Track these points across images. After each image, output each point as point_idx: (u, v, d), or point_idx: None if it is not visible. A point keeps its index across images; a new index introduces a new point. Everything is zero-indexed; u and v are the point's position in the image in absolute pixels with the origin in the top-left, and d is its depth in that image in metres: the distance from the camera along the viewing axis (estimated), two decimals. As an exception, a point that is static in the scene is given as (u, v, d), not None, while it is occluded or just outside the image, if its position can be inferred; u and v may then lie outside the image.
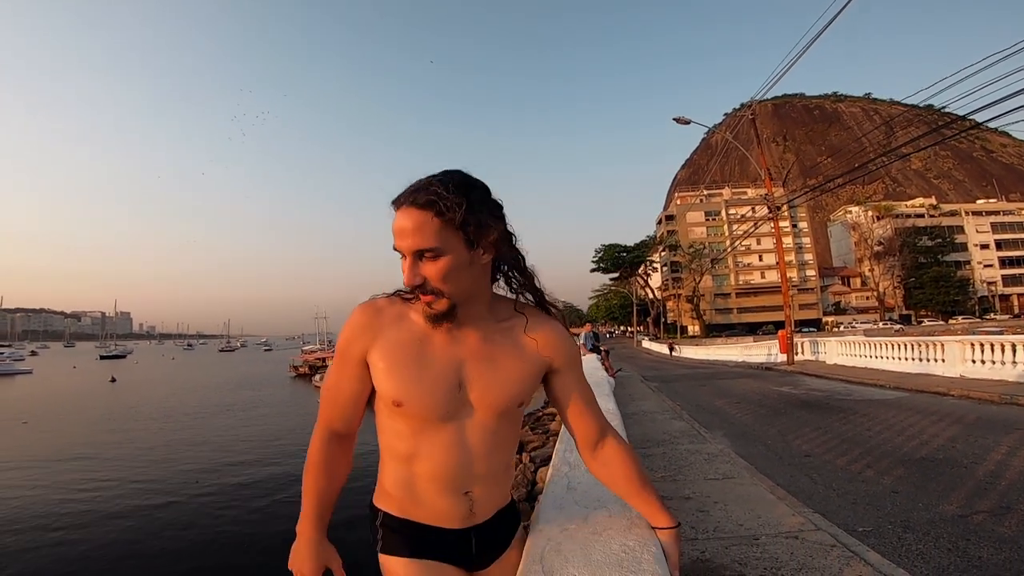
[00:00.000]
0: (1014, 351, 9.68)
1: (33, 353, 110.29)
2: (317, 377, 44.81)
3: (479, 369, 1.05)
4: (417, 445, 1.05)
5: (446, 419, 1.04)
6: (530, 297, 1.13)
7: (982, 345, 10.48)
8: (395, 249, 0.97)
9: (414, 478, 1.07)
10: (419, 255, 0.94)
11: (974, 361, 10.56)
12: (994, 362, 10.05)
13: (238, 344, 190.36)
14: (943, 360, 11.41)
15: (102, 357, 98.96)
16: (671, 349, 38.77)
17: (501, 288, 1.12)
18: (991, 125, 11.29)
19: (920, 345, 12.29)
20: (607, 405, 3.48)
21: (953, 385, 9.53)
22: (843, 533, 3.20)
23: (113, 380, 51.37)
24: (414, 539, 1.09)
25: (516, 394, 1.08)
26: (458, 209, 0.92)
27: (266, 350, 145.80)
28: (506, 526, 1.19)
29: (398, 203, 0.95)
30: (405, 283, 0.97)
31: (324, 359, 60.80)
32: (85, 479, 15.45)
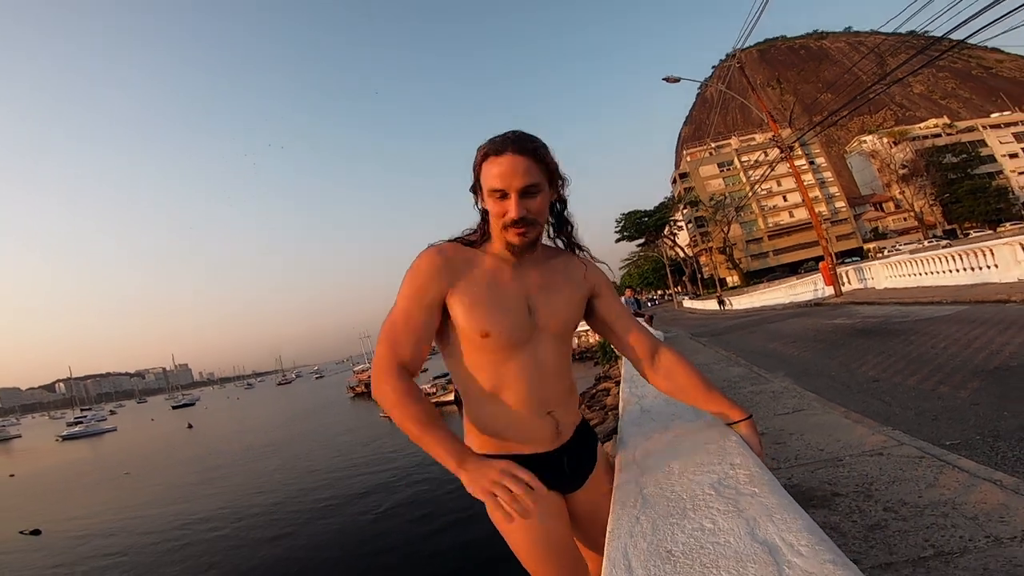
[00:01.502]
0: None
1: (112, 412, 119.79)
2: None
3: (543, 298, 1.20)
4: (502, 375, 1.17)
5: (523, 343, 1.18)
6: (561, 242, 1.32)
7: None
8: (493, 190, 1.13)
9: (504, 409, 1.18)
10: (523, 192, 1.11)
11: None
12: None
13: (293, 376, 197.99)
14: (996, 266, 10.99)
15: (174, 407, 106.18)
16: (721, 303, 36.52)
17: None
18: (974, 41, 11.04)
19: (969, 254, 11.86)
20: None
21: (1013, 290, 9.19)
22: (929, 445, 3.19)
23: (190, 426, 55.41)
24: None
25: (574, 316, 1.26)
26: (547, 154, 1.15)
27: (318, 378, 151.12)
28: (588, 443, 1.33)
29: (498, 151, 1.11)
30: (513, 216, 1.11)
31: (376, 376, 62.81)
32: (202, 517, 16.67)
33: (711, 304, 41.88)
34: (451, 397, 34.47)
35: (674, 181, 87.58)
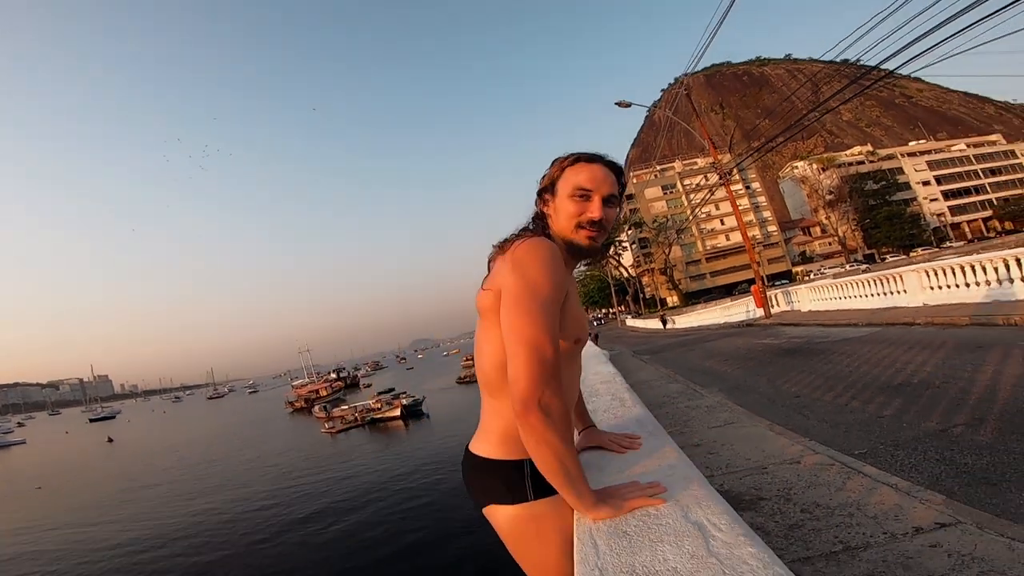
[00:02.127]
0: (964, 273, 10.27)
1: (20, 424, 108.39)
2: (316, 408, 44.71)
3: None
4: (568, 382, 1.17)
5: None
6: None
7: (937, 271, 11.04)
8: (580, 188, 1.20)
9: None
10: (606, 199, 1.21)
11: (933, 288, 11.13)
12: (951, 286, 10.63)
13: (226, 390, 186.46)
14: (905, 291, 12.01)
15: (91, 420, 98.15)
16: (664, 322, 37.09)
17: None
18: (903, 71, 12.14)
19: (882, 280, 12.94)
20: (604, 369, 3.85)
21: (918, 314, 10.11)
22: (839, 454, 3.60)
23: (110, 440, 51.48)
24: (539, 479, 1.12)
25: None
26: (623, 180, 1.28)
27: (251, 392, 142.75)
28: None
29: (590, 159, 1.24)
30: (594, 216, 1.19)
31: (317, 391, 60.22)
32: (121, 536, 15.71)
33: (654, 323, 43.24)
34: (396, 413, 33.81)
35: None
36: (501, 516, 1.20)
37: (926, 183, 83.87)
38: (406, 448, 25.13)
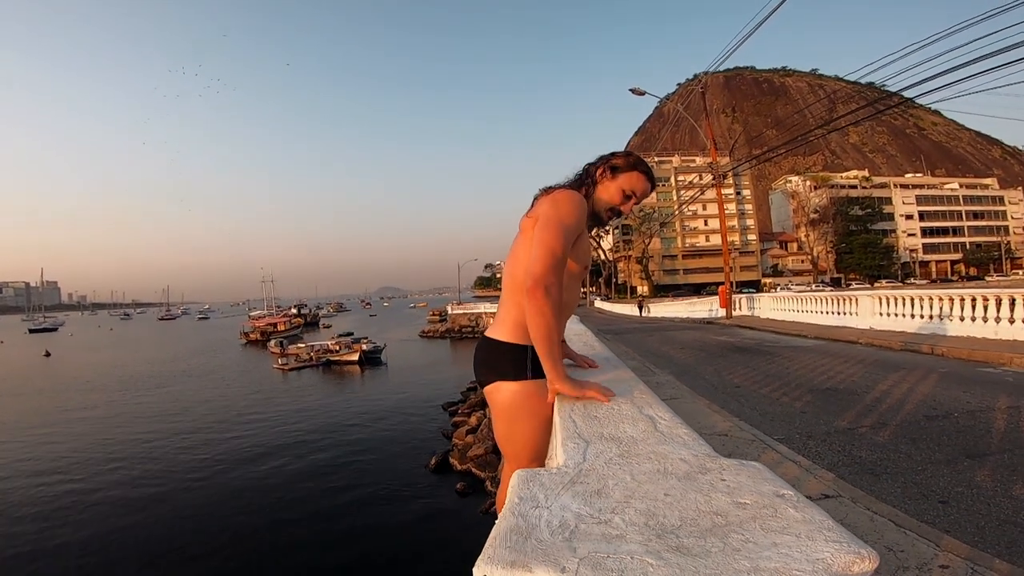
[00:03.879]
0: (912, 305, 11.10)
1: None
2: (272, 343, 43.58)
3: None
4: (569, 295, 1.64)
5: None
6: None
7: (888, 299, 11.88)
8: (633, 192, 1.69)
9: (561, 317, 1.53)
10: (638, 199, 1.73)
11: (882, 314, 11.96)
12: (898, 315, 11.46)
13: (179, 312, 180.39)
14: (857, 313, 12.85)
15: (31, 331, 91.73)
16: (640, 308, 36.30)
17: None
18: (923, 101, 12.38)
19: (839, 300, 13.81)
20: (578, 327, 4.30)
21: (863, 335, 10.94)
22: (761, 434, 4.21)
23: (48, 354, 48.38)
24: (536, 364, 1.51)
25: None
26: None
27: (200, 318, 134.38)
28: None
29: (651, 178, 1.72)
30: (623, 211, 1.71)
31: (275, 325, 59.23)
32: (43, 456, 15.10)
33: (624, 308, 43.64)
34: (354, 357, 33.68)
35: None
36: (504, 390, 1.56)
37: (909, 216, 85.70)
38: (358, 395, 25.05)
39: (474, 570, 0.67)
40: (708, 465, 0.92)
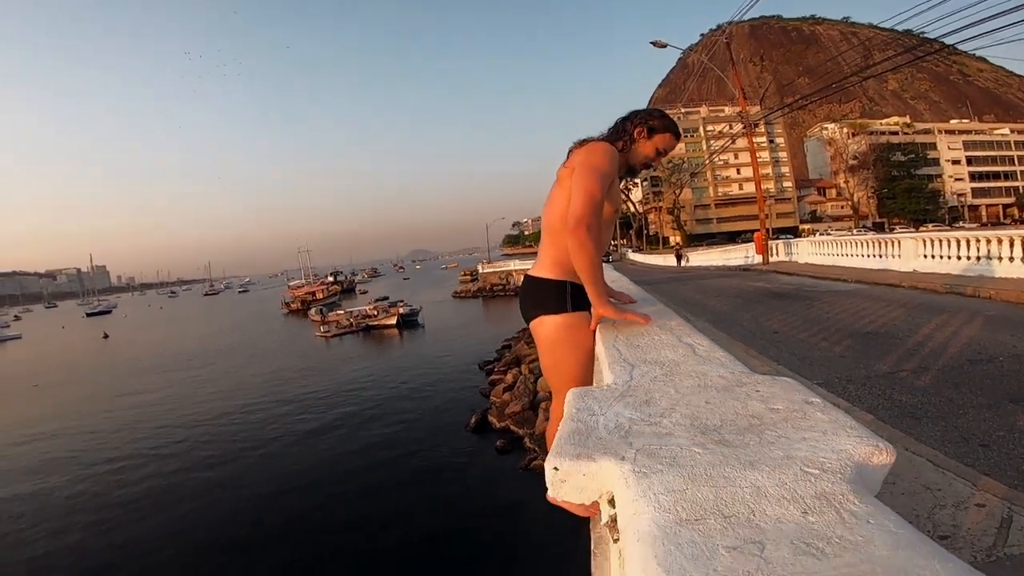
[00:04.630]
0: (958, 246, 10.63)
1: (16, 318, 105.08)
2: (312, 311, 44.90)
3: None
4: (604, 236, 1.77)
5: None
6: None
7: (932, 241, 11.40)
8: (665, 149, 1.87)
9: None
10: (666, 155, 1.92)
11: (926, 256, 11.50)
12: (942, 257, 11.01)
13: (222, 286, 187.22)
14: (900, 256, 12.39)
15: (88, 314, 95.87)
16: (679, 258, 34.16)
17: None
18: (965, 48, 11.57)
19: (881, 243, 13.31)
20: (613, 274, 4.38)
21: (905, 278, 10.56)
22: (800, 377, 4.21)
23: (106, 336, 50.99)
24: (582, 298, 1.70)
25: None
26: None
27: (241, 291, 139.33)
28: None
29: (678, 137, 1.91)
30: (654, 165, 1.92)
31: (314, 293, 61.00)
32: (126, 447, 15.57)
33: (658, 259, 42.25)
34: (392, 321, 34.54)
35: None
36: (548, 323, 1.72)
37: (955, 162, 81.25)
38: (398, 358, 25.74)
39: (546, 464, 0.80)
40: (744, 380, 1.03)
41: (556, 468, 0.78)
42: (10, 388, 27.42)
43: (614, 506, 0.76)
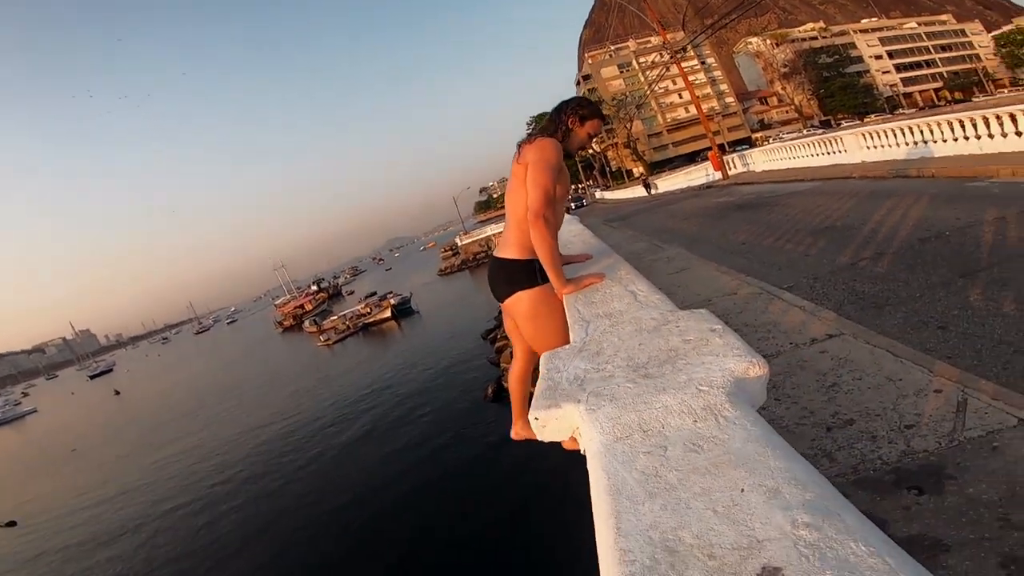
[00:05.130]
0: (897, 135, 11.01)
1: (24, 394, 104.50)
2: (307, 323, 44.69)
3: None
4: (556, 214, 1.98)
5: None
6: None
7: (873, 133, 11.80)
8: (594, 134, 2.14)
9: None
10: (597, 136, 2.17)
11: (870, 147, 11.92)
12: (885, 146, 11.42)
13: (211, 322, 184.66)
14: (846, 150, 12.85)
15: (91, 377, 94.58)
16: (648, 187, 33.63)
17: None
18: None
19: (826, 141, 13.74)
20: (576, 227, 4.58)
21: (855, 169, 11.01)
22: (768, 285, 4.48)
23: (118, 393, 50.84)
24: (543, 272, 1.94)
25: None
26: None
27: (230, 322, 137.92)
28: None
29: (601, 116, 2.15)
30: (588, 148, 2.26)
31: (302, 306, 60.54)
32: (177, 479, 16.07)
33: (627, 193, 41.77)
34: (387, 314, 34.46)
35: (578, 83, 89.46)
36: (525, 298, 1.98)
37: (878, 57, 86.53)
38: (402, 348, 25.88)
39: (529, 416, 1.07)
40: (669, 318, 1.30)
41: (536, 418, 1.06)
42: (51, 458, 27.80)
43: (581, 436, 1.03)
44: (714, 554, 0.57)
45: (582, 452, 1.09)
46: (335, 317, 40.55)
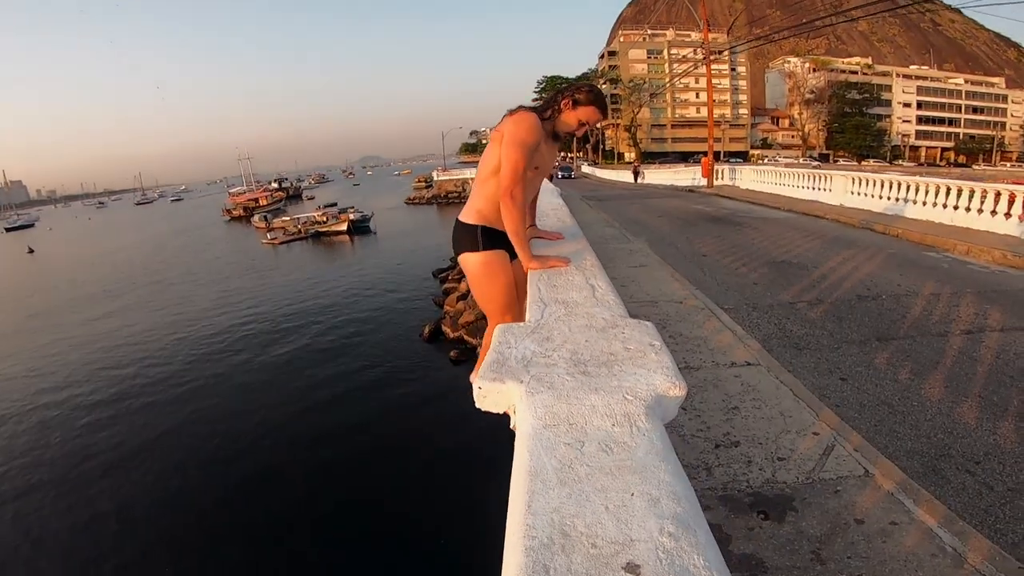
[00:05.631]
0: (882, 187, 11.32)
1: None
2: (256, 218, 43.09)
3: (550, 154, 2.17)
4: (529, 189, 2.11)
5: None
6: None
7: (860, 180, 12.11)
8: (586, 121, 2.09)
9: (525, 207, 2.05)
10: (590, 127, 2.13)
11: (853, 193, 12.21)
12: (867, 195, 11.71)
13: (155, 195, 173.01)
14: (830, 190, 13.15)
15: (7, 229, 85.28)
16: (636, 175, 33.05)
17: None
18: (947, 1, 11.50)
19: (815, 176, 14.06)
20: (556, 200, 4.69)
21: (830, 211, 11.33)
22: (711, 302, 4.74)
23: (31, 251, 46.36)
24: (496, 239, 2.05)
25: None
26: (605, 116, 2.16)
27: (174, 200, 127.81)
28: None
29: (602, 109, 2.10)
30: (577, 134, 2.14)
31: (256, 200, 57.81)
32: (63, 369, 14.31)
33: (611, 174, 42.15)
34: (343, 227, 33.71)
35: (602, 56, 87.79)
36: (470, 260, 2.10)
37: (907, 104, 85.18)
38: (351, 266, 25.39)
39: (473, 384, 1.15)
40: (618, 322, 1.40)
41: (479, 387, 1.14)
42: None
43: (515, 413, 1.13)
44: (596, 544, 0.68)
45: (512, 427, 1.19)
46: (287, 218, 39.21)
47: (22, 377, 14.16)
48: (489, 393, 1.13)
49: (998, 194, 8.35)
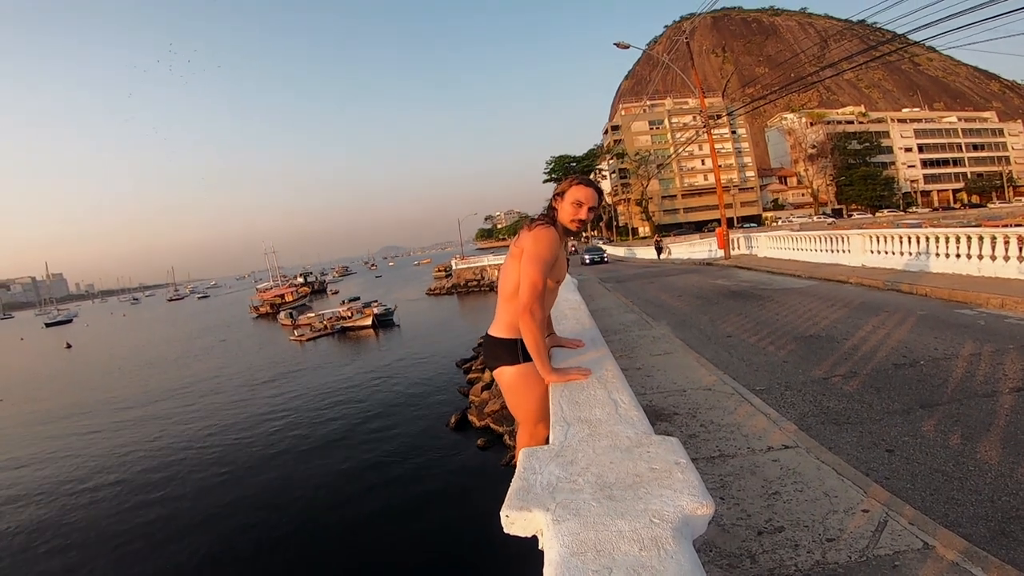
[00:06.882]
0: (900, 242, 11.28)
1: None
2: (282, 315, 44.29)
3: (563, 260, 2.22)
4: (548, 301, 2.21)
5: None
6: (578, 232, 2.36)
7: (878, 238, 12.08)
8: (578, 201, 2.13)
9: (543, 318, 2.16)
10: (590, 208, 2.15)
11: (873, 251, 12.13)
12: (887, 252, 11.64)
13: (187, 291, 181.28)
14: (849, 251, 13.08)
15: (47, 324, 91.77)
16: (659, 251, 31.94)
17: None
18: (916, 38, 12.28)
19: (832, 238, 14.09)
20: (574, 297, 4.75)
21: (853, 273, 11.17)
22: (741, 387, 4.66)
23: (69, 346, 49.31)
24: (527, 352, 2.08)
25: None
26: (602, 198, 2.22)
27: (200, 297, 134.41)
28: None
29: (587, 184, 2.16)
30: (583, 218, 2.14)
31: (283, 296, 59.95)
32: (96, 460, 15.22)
33: (621, 251, 43.30)
34: (367, 322, 34.39)
35: (606, 132, 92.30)
36: (507, 373, 2.17)
37: (908, 149, 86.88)
38: (376, 359, 25.70)
39: (501, 512, 1.21)
40: (642, 440, 1.46)
41: (507, 515, 1.20)
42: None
43: (543, 535, 1.18)
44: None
45: (540, 548, 1.22)
46: (312, 315, 40.20)
47: (47, 465, 15.17)
48: (516, 520, 1.19)
49: (1021, 238, 8.21)
